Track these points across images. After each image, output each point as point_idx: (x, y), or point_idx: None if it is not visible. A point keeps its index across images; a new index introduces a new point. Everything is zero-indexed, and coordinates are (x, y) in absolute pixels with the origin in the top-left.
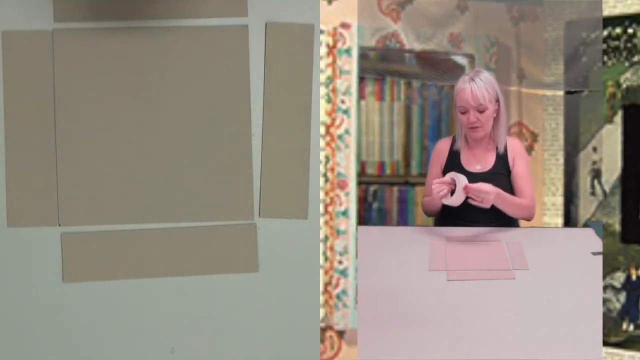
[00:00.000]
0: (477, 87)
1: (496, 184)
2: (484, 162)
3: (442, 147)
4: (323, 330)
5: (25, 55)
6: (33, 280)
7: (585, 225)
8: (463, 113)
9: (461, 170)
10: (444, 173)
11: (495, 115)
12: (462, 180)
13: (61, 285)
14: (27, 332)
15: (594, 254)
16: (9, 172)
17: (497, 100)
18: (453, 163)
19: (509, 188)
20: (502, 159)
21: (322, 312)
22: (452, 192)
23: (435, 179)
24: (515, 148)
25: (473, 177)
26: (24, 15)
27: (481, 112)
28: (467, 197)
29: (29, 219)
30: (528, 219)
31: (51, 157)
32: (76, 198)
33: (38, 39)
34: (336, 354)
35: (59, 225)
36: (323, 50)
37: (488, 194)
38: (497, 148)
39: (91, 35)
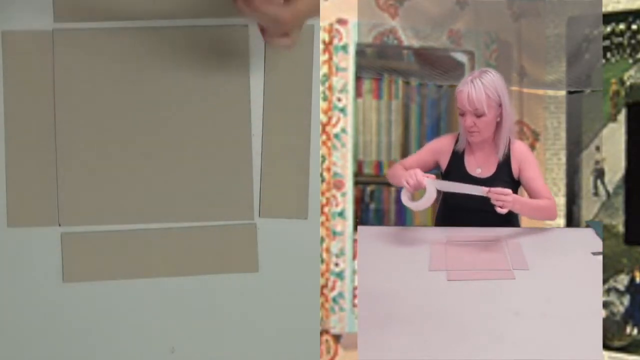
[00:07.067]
0: (476, 90)
1: None
2: (485, 166)
3: (446, 144)
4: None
5: (25, 55)
6: (33, 280)
7: (586, 225)
8: (462, 115)
9: (464, 174)
10: (446, 173)
11: (499, 119)
12: (432, 189)
13: (61, 285)
14: (27, 332)
15: (594, 254)
16: (9, 172)
17: (500, 105)
18: (456, 164)
19: None
20: (505, 166)
21: None
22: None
23: (419, 162)
24: (519, 153)
25: (473, 182)
26: (24, 15)
27: (478, 116)
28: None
29: (29, 219)
30: (551, 219)
31: (51, 157)
32: (76, 198)
33: (38, 39)
34: (332, 358)
35: (59, 225)
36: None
37: (506, 197)
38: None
39: (91, 35)
